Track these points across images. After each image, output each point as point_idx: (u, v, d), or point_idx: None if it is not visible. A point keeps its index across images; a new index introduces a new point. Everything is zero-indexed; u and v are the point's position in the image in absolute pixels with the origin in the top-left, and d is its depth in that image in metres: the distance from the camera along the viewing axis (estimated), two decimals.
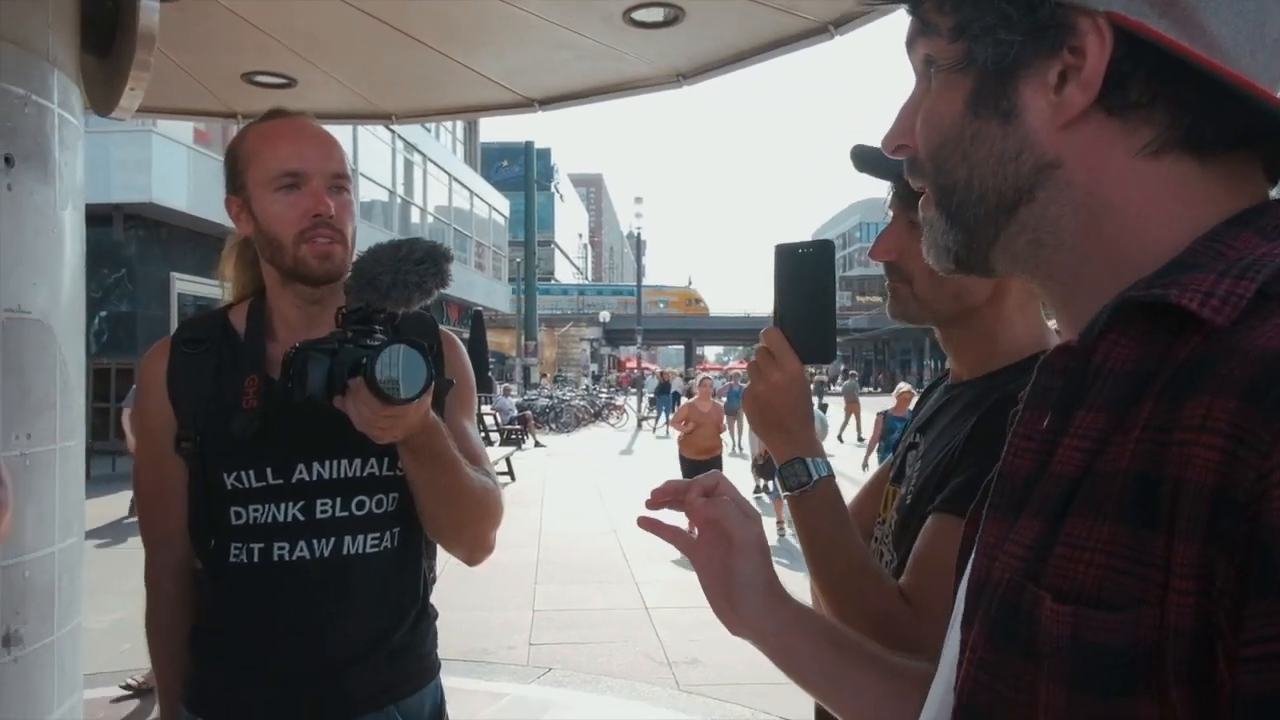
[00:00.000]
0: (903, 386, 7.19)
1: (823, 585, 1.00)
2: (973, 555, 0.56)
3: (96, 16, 1.93)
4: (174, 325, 12.71)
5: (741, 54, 3.20)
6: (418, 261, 1.11)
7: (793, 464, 1.01)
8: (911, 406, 1.50)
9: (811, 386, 0.92)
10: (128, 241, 12.42)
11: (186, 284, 12.98)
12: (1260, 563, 0.39)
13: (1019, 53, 0.52)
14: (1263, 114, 0.49)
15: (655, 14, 2.81)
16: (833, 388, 22.49)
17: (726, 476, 0.82)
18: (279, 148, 1.25)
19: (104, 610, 3.96)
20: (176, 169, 12.34)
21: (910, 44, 0.59)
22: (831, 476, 1.02)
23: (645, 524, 0.80)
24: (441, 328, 1.37)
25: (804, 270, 1.01)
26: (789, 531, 7.03)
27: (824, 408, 15.62)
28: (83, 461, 2.19)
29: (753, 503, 0.95)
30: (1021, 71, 0.52)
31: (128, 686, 4.06)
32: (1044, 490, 0.50)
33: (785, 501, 1.04)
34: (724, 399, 14.81)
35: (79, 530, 2.14)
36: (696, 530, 0.79)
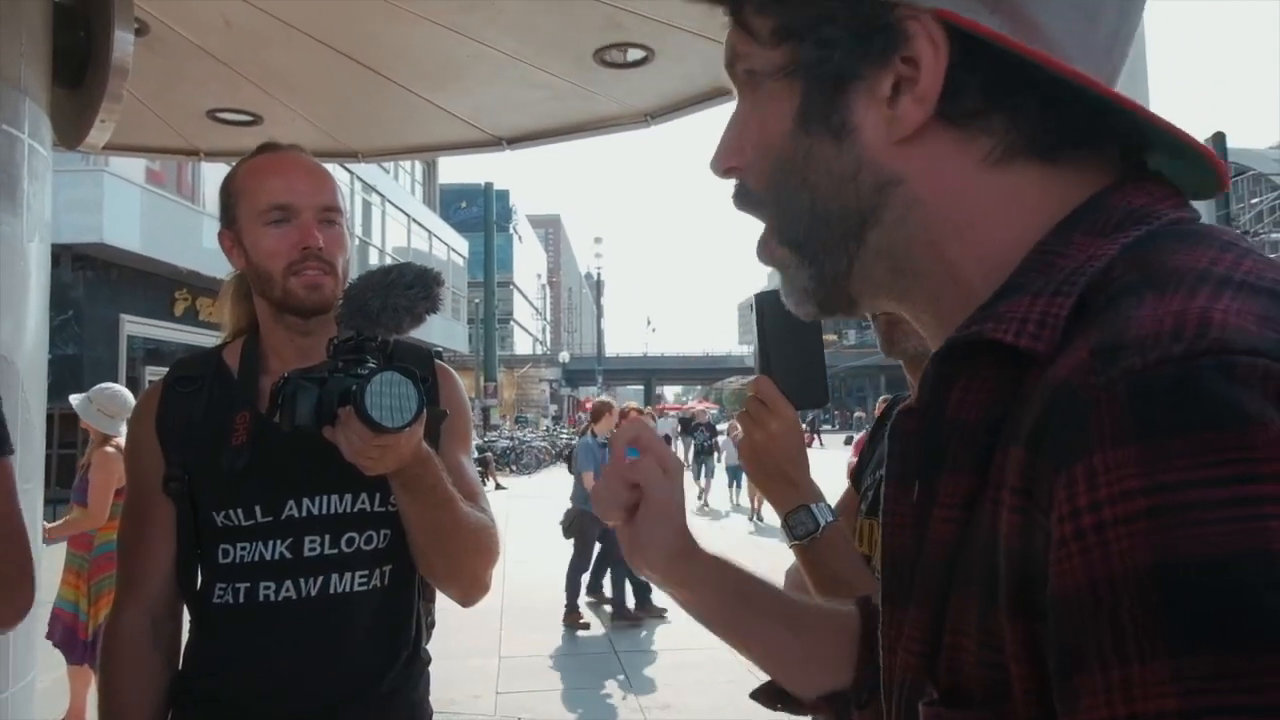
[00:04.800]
0: None
1: None
2: (880, 654, 0.51)
3: (68, 48, 1.90)
4: (123, 368, 12.48)
5: (708, 94, 3.24)
6: (407, 286, 1.09)
7: (797, 512, 0.99)
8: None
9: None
10: (75, 283, 12.11)
11: (137, 326, 12.66)
12: (1052, 640, 0.33)
13: (846, 61, 0.46)
14: (1104, 112, 0.44)
15: (626, 55, 2.84)
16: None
17: (649, 426, 0.78)
18: (268, 181, 1.25)
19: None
20: (129, 209, 12.10)
21: (731, 55, 0.52)
22: (837, 520, 1.01)
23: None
24: (438, 361, 1.35)
25: (789, 315, 1.01)
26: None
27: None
28: (41, 507, 2.10)
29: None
30: (851, 83, 0.46)
31: None
32: (924, 573, 0.45)
33: (792, 551, 1.01)
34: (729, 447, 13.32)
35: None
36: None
